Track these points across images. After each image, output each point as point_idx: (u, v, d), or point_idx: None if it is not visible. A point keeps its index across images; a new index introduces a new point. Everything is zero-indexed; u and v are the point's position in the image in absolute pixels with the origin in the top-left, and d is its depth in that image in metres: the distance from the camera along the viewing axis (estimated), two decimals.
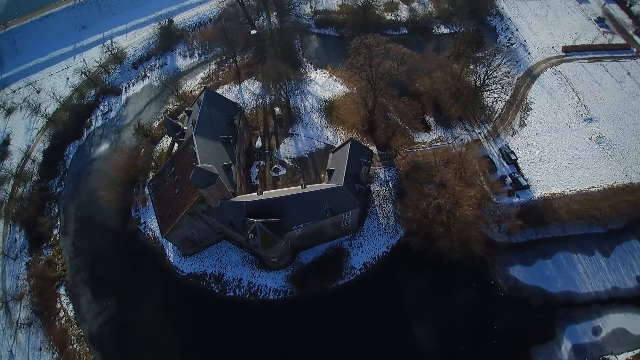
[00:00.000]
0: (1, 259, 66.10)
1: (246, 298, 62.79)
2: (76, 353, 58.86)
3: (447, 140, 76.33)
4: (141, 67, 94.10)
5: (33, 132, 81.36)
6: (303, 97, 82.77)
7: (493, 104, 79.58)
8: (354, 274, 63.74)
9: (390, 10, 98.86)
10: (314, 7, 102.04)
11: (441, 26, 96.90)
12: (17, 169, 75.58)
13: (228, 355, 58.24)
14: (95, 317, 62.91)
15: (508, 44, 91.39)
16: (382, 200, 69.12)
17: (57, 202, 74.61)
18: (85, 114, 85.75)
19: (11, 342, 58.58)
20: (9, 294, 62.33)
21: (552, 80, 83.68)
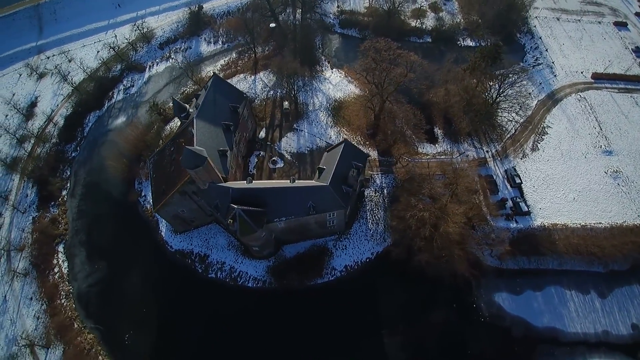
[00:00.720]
0: (11, 211, 71.20)
1: (226, 282, 64.27)
2: (63, 308, 62.51)
3: (452, 154, 74.48)
4: (167, 49, 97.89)
5: (59, 97, 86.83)
6: (313, 94, 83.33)
7: (507, 124, 76.80)
8: (334, 275, 63.69)
9: (416, 17, 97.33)
10: (340, 6, 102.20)
11: (467, 38, 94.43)
12: (38, 130, 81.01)
13: (200, 332, 59.74)
14: (86, 278, 66.48)
15: (534, 63, 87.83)
16: (374, 206, 68.54)
17: (70, 166, 79.24)
18: (109, 86, 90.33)
19: (6, 289, 63.18)
20: (13, 244, 67.13)
21: (575, 106, 79.57)
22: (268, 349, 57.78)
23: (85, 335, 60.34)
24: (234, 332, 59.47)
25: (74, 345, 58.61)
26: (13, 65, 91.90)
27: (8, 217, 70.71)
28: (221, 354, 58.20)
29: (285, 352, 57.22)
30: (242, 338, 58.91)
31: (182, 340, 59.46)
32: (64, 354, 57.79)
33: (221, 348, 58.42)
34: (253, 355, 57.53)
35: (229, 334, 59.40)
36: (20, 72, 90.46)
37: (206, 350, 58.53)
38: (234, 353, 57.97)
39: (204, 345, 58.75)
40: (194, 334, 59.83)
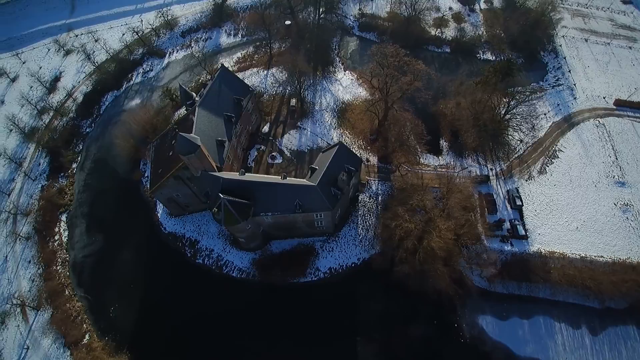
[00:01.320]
0: (23, 177, 75.27)
1: (211, 269, 65.51)
2: (57, 274, 65.56)
3: (455, 168, 72.75)
4: (188, 37, 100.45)
5: (81, 75, 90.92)
6: (322, 94, 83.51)
7: (515, 143, 74.30)
8: (317, 276, 63.71)
9: (437, 26, 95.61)
10: (362, 9, 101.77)
11: (487, 52, 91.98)
12: (58, 104, 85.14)
13: (182, 315, 61.06)
14: (82, 248, 69.43)
15: (554, 83, 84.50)
16: (367, 212, 67.99)
17: (84, 141, 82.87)
18: (129, 69, 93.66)
19: (8, 250, 66.90)
20: (20, 208, 70.94)
21: (592, 132, 76.03)
22: (242, 337, 58.64)
23: (74, 302, 63.07)
24: (213, 319, 60.49)
25: (62, 310, 61.35)
26: (44, 40, 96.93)
27: (19, 183, 74.82)
28: (198, 337, 59.40)
29: (258, 344, 57.85)
30: (219, 324, 60.00)
31: (163, 320, 61.08)
32: (51, 318, 60.59)
33: (199, 332, 59.67)
34: (227, 341, 58.50)
35: (209, 320, 60.44)
36: (49, 47, 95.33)
37: (184, 332, 59.87)
38: (211, 338, 59.09)
39: (183, 327, 60.08)
40: (175, 316, 61.26)
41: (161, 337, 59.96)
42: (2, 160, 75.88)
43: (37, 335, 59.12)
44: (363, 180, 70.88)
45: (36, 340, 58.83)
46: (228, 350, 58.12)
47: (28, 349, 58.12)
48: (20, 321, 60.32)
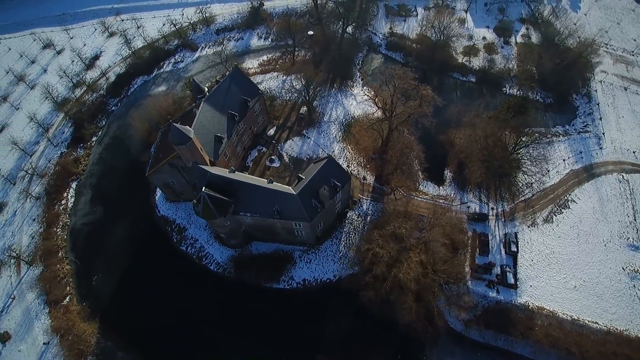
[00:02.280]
0: (46, 142, 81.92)
1: (192, 258, 67.31)
2: (56, 235, 70.31)
3: (453, 201, 69.92)
4: (222, 35, 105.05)
5: (118, 57, 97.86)
6: (334, 106, 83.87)
7: (524, 185, 70.20)
8: (290, 285, 63.43)
9: (466, 55, 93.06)
10: (393, 27, 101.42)
11: (514, 87, 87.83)
12: (92, 80, 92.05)
13: (155, 297, 63.05)
14: (83, 216, 74.03)
15: (581, 129, 79.10)
16: (353, 230, 66.90)
17: (107, 118, 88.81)
18: (162, 57, 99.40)
19: (18, 205, 72.77)
20: (37, 170, 77.15)
21: (613, 187, 70.17)
22: (203, 326, 60.04)
23: (64, 264, 67.22)
24: (182, 304, 62.22)
25: (52, 270, 65.55)
26: (93, 20, 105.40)
27: (42, 147, 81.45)
28: (163, 319, 61.09)
29: (216, 335, 59.00)
30: (186, 311, 61.60)
31: (137, 297, 63.52)
32: (40, 274, 64.95)
33: (165, 315, 61.41)
34: (188, 327, 60.23)
35: (178, 304, 62.23)
36: (96, 27, 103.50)
37: (153, 312, 61.86)
38: (174, 322, 60.73)
39: (152, 307, 62.05)
40: (148, 296, 63.42)
41: (131, 313, 62.29)
42: (32, 124, 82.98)
43: (24, 289, 63.58)
44: (355, 197, 70.11)
45: (22, 292, 63.28)
46: (186, 335, 59.60)
47: (14, 299, 62.62)
48: (13, 272, 65.26)
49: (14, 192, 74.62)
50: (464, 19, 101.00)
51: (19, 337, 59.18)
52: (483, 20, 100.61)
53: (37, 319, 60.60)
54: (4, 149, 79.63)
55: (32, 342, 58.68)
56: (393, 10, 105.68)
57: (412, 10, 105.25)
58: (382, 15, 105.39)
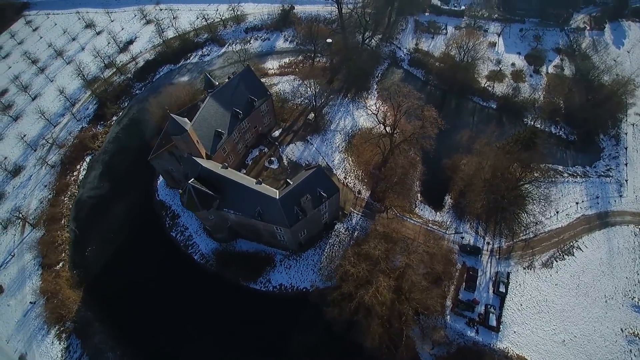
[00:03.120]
0: (70, 116, 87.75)
1: (180, 245, 69.19)
2: (62, 203, 74.99)
3: (447, 230, 67.09)
4: (250, 34, 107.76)
5: (150, 44, 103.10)
6: (343, 116, 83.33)
7: (528, 224, 66.04)
8: (266, 287, 63.48)
9: (490, 79, 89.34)
10: (418, 43, 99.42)
11: (537, 118, 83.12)
12: (122, 63, 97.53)
13: (136, 274, 65.79)
14: (90, 189, 78.38)
15: (603, 173, 73.42)
16: (338, 242, 65.76)
17: (130, 100, 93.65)
18: (190, 49, 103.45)
19: (34, 171, 78.39)
20: (57, 140, 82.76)
21: (627, 240, 64.49)
22: (176, 317, 61.26)
23: (64, 232, 71.45)
24: (162, 289, 64.04)
25: (52, 235, 69.89)
26: (134, 6, 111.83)
27: (66, 120, 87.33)
28: (143, 300, 63.20)
29: (186, 329, 60.08)
30: (165, 297, 63.17)
31: (122, 274, 66.12)
32: (40, 238, 69.42)
33: (145, 297, 63.52)
34: (161, 309, 62.09)
35: (159, 288, 64.20)
36: (135, 14, 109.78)
37: (132, 289, 64.21)
38: (153, 305, 62.73)
39: (133, 285, 64.42)
40: (133, 274, 65.95)
41: (114, 288, 64.83)
42: (61, 97, 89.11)
43: (24, 248, 68.17)
44: (347, 210, 69.14)
45: (22, 252, 67.91)
46: (156, 319, 61.35)
47: (13, 256, 67.40)
48: (17, 232, 70.27)
49: (33, 158, 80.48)
50: (495, 42, 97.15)
51: (11, 293, 63.61)
52: (515, 46, 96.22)
53: (29, 278, 64.76)
54: (32, 117, 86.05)
55: (21, 299, 62.77)
56: (422, 27, 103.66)
57: (443, 28, 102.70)
58: (410, 30, 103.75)
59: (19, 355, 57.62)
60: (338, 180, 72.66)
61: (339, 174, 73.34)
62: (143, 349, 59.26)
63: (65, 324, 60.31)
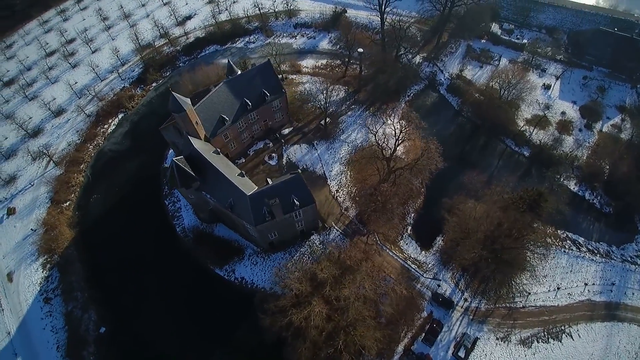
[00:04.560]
0: (117, 75, 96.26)
1: (168, 214, 72.73)
2: (87, 150, 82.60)
3: (426, 273, 62.42)
4: (298, 30, 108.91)
5: (204, 23, 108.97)
6: (358, 129, 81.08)
7: (519, 291, 59.13)
8: (230, 276, 64.48)
9: (531, 123, 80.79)
10: (463, 70, 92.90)
11: (572, 179, 73.61)
12: (174, 36, 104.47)
13: (123, 231, 70.45)
14: (113, 143, 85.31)
15: (631, 258, 63.04)
16: (309, 253, 64.29)
17: (172, 71, 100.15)
18: (239, 34, 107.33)
19: (72, 116, 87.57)
20: (99, 94, 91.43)
21: (632, 341, 55.40)
22: (145, 275, 65.28)
23: (79, 176, 78.99)
24: (139, 251, 67.86)
25: (68, 176, 77.69)
26: None
27: (112, 77, 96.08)
28: (119, 256, 67.75)
29: (151, 289, 63.93)
30: (139, 259, 67.07)
31: (111, 227, 71.39)
32: (58, 176, 77.47)
33: (122, 253, 67.92)
34: (135, 269, 66.22)
35: (136, 249, 68.14)
36: None
37: (114, 244, 69.07)
38: (126, 261, 67.04)
39: (116, 241, 69.29)
40: (123, 231, 70.72)
41: (101, 236, 70.40)
42: (114, 56, 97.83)
43: (42, 181, 76.60)
44: (328, 224, 67.47)
45: (40, 184, 76.44)
46: (129, 272, 65.79)
47: (32, 186, 76.26)
48: (42, 166, 79.23)
49: (75, 105, 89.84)
50: (549, 85, 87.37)
51: (20, 216, 72.16)
52: (572, 94, 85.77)
53: (38, 208, 72.83)
54: (86, 68, 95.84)
55: (26, 224, 70.95)
56: (473, 53, 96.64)
57: (495, 59, 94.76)
58: (459, 54, 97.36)
59: (8, 272, 65.49)
60: (329, 192, 71.29)
61: (332, 186, 71.74)
62: (107, 298, 63.65)
63: (52, 256, 66.94)
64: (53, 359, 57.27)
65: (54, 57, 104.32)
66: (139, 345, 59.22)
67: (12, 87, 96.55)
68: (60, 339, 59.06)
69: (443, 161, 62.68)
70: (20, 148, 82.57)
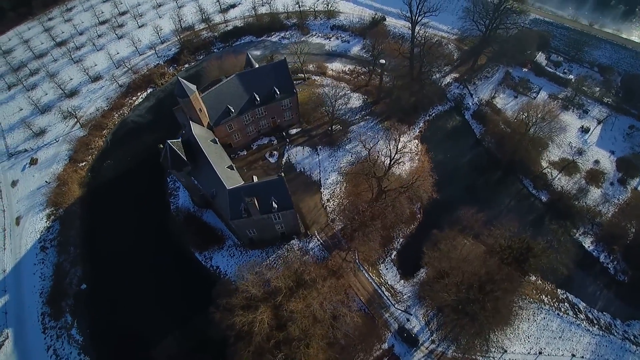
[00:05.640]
0: (154, 52, 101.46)
1: (166, 191, 75.64)
2: (112, 117, 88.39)
3: (397, 304, 59.32)
4: (334, 31, 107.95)
5: (245, 13, 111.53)
6: (366, 141, 78.22)
7: (494, 347, 54.56)
8: (206, 262, 65.92)
9: (556, 167, 73.75)
10: (495, 98, 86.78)
11: (589, 236, 66.31)
12: (215, 22, 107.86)
13: (124, 196, 74.98)
14: (137, 115, 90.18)
15: (634, 339, 55.48)
16: (285, 256, 63.75)
17: (205, 55, 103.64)
18: (275, 28, 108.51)
19: (106, 85, 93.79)
20: (135, 67, 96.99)
21: None
22: (133, 242, 68.75)
23: (100, 140, 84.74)
24: (135, 216, 72.00)
25: (90, 139, 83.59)
26: None
27: (149, 53, 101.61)
28: (117, 218, 72.16)
29: (133, 255, 67.27)
30: (133, 222, 71.27)
31: (113, 194, 75.81)
32: (81, 138, 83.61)
33: (121, 216, 72.32)
34: (125, 234, 70.05)
35: (133, 214, 72.25)
36: None
37: (115, 207, 73.58)
38: (122, 225, 71.17)
39: (118, 205, 73.76)
40: (122, 197, 75.15)
41: (104, 198, 75.19)
42: (155, 34, 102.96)
43: (66, 140, 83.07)
44: (311, 232, 66.46)
45: (62, 142, 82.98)
46: (120, 236, 69.59)
47: (56, 142, 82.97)
48: (69, 125, 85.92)
49: (111, 73, 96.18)
50: (588, 128, 79.01)
51: (39, 167, 78.94)
52: (612, 143, 77.01)
53: (57, 163, 79.18)
54: (129, 41, 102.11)
55: (42, 176, 77.45)
56: (511, 81, 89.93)
57: (534, 90, 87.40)
58: (495, 80, 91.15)
59: (17, 215, 72.05)
60: (320, 199, 70.12)
61: (325, 194, 70.51)
62: (94, 258, 67.90)
63: (58, 210, 72.52)
64: (34, 303, 62.34)
65: (104, 26, 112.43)
66: (111, 308, 62.44)
67: (63, 48, 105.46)
68: (45, 287, 64.04)
69: (437, 191, 58.83)
70: (55, 105, 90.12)
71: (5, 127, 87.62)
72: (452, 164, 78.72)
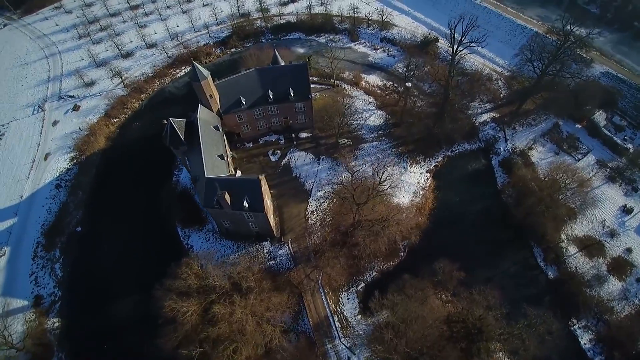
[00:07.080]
0: (207, 32, 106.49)
1: (173, 164, 79.51)
2: (152, 84, 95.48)
3: (345, 339, 56.40)
4: (383, 43, 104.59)
5: (301, 10, 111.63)
6: (370, 162, 74.71)
7: None
8: (184, 240, 68.51)
9: (576, 243, 64.33)
10: (532, 149, 77.64)
11: (588, 333, 56.97)
12: (270, 14, 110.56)
13: (136, 162, 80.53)
14: (175, 87, 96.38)
15: None
16: (255, 255, 64.04)
17: (252, 44, 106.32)
18: (326, 30, 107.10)
19: (156, 53, 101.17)
20: (186, 43, 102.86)
21: None
22: (131, 204, 73.38)
23: (136, 102, 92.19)
24: (139, 180, 76.64)
25: (128, 99, 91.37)
26: None
27: (203, 32, 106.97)
28: (123, 180, 77.62)
29: (124, 217, 71.94)
30: (136, 185, 75.79)
31: (131, 154, 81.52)
32: (120, 96, 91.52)
33: (126, 179, 77.55)
34: (126, 195, 74.68)
35: (139, 178, 77.06)
36: None
37: (124, 170, 79.33)
38: (125, 187, 76.28)
39: (128, 168, 79.42)
40: (136, 159, 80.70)
41: (118, 158, 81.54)
42: (213, 15, 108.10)
43: (107, 96, 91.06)
44: (285, 239, 65.73)
45: (105, 97, 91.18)
46: (121, 197, 74.39)
47: (99, 95, 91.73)
48: (114, 83, 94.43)
49: (163, 45, 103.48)
50: (632, 209, 67.21)
51: (79, 115, 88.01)
52: None
53: (92, 115, 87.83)
54: (188, 18, 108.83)
55: (79, 122, 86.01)
56: (557, 135, 79.63)
57: (581, 151, 76.37)
58: (539, 129, 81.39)
59: (47, 152, 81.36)
60: (305, 209, 68.85)
61: (311, 205, 69.13)
62: (95, 206, 74.44)
63: (81, 156, 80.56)
64: (34, 232, 70.21)
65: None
66: (93, 257, 68.02)
67: (134, 12, 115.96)
68: (48, 220, 71.78)
69: (418, 237, 54.16)
70: (110, 62, 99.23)
71: (65, 71, 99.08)
72: (460, 209, 72.09)
